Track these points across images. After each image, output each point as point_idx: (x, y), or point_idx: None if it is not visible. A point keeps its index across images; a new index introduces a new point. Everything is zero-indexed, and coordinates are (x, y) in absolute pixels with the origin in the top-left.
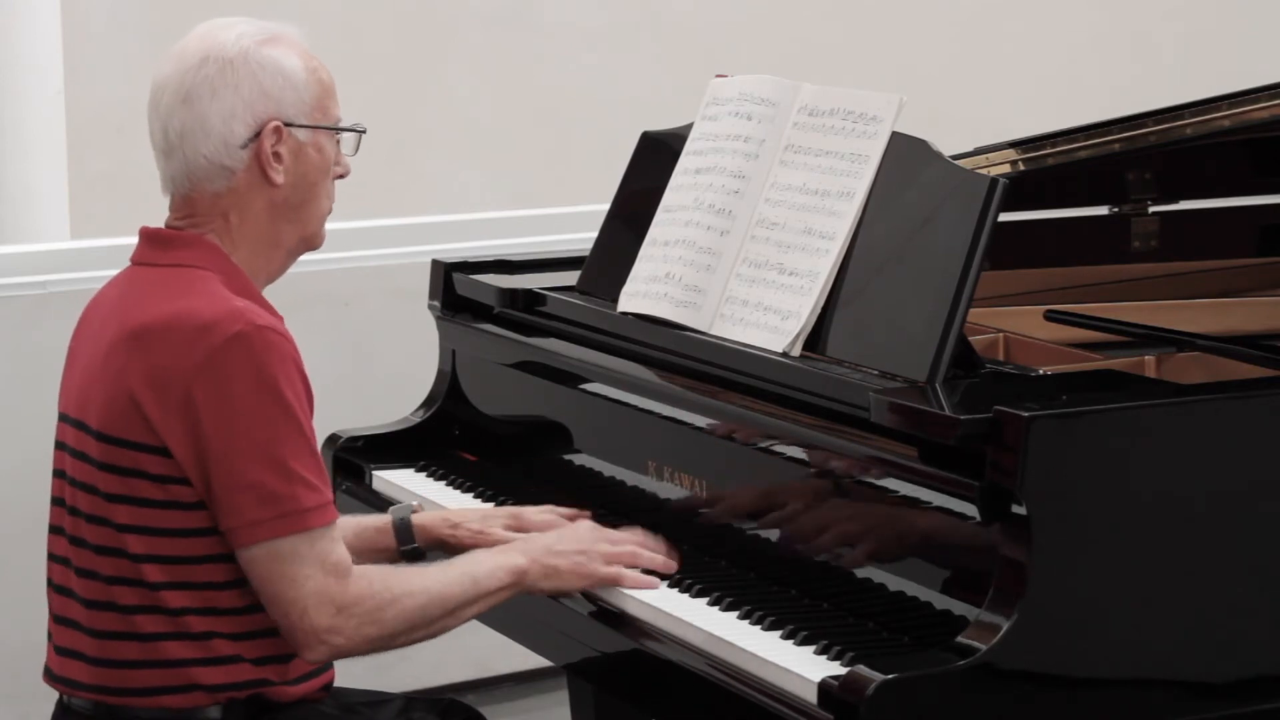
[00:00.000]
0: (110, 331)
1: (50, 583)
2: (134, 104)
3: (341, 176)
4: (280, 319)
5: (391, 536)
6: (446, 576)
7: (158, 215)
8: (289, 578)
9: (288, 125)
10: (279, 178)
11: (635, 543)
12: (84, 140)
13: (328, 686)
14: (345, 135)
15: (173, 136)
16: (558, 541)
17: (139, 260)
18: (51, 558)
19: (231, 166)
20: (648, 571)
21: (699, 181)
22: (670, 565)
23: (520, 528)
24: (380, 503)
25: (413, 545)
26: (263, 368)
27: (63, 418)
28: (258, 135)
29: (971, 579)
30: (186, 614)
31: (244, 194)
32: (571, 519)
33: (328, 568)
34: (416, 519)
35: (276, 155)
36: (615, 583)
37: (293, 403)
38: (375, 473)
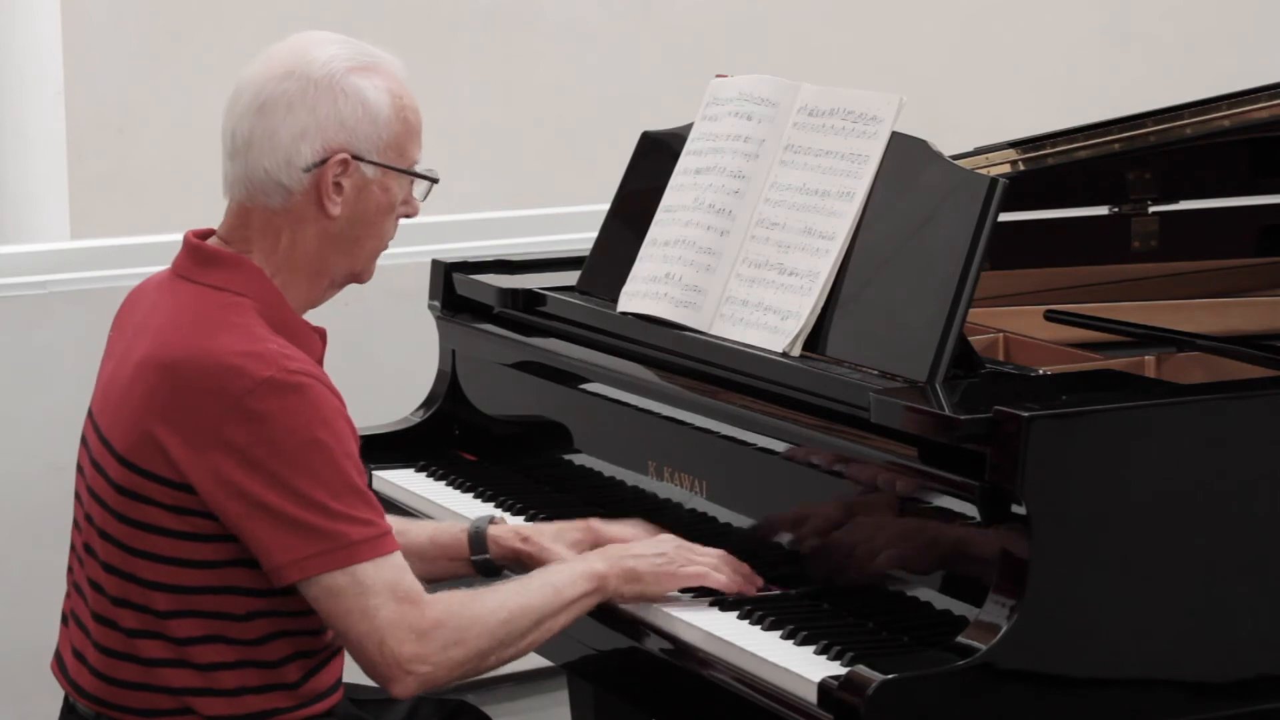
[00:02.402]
0: (141, 350)
1: (70, 570)
2: (134, 104)
3: (409, 216)
4: (321, 334)
5: (465, 544)
6: (526, 589)
7: (157, 215)
8: (358, 611)
9: (356, 159)
10: (335, 209)
11: (719, 556)
12: (84, 140)
13: (332, 710)
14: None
15: (239, 141)
16: (638, 547)
17: (179, 272)
18: (73, 549)
19: (290, 187)
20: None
21: (699, 181)
22: (749, 588)
23: (597, 542)
24: (380, 503)
25: (484, 555)
26: (293, 413)
27: (91, 415)
28: (323, 162)
29: (971, 579)
30: (192, 644)
31: (298, 217)
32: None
33: (399, 595)
34: (491, 529)
35: (338, 186)
36: (698, 581)
37: (328, 442)
38: (375, 473)
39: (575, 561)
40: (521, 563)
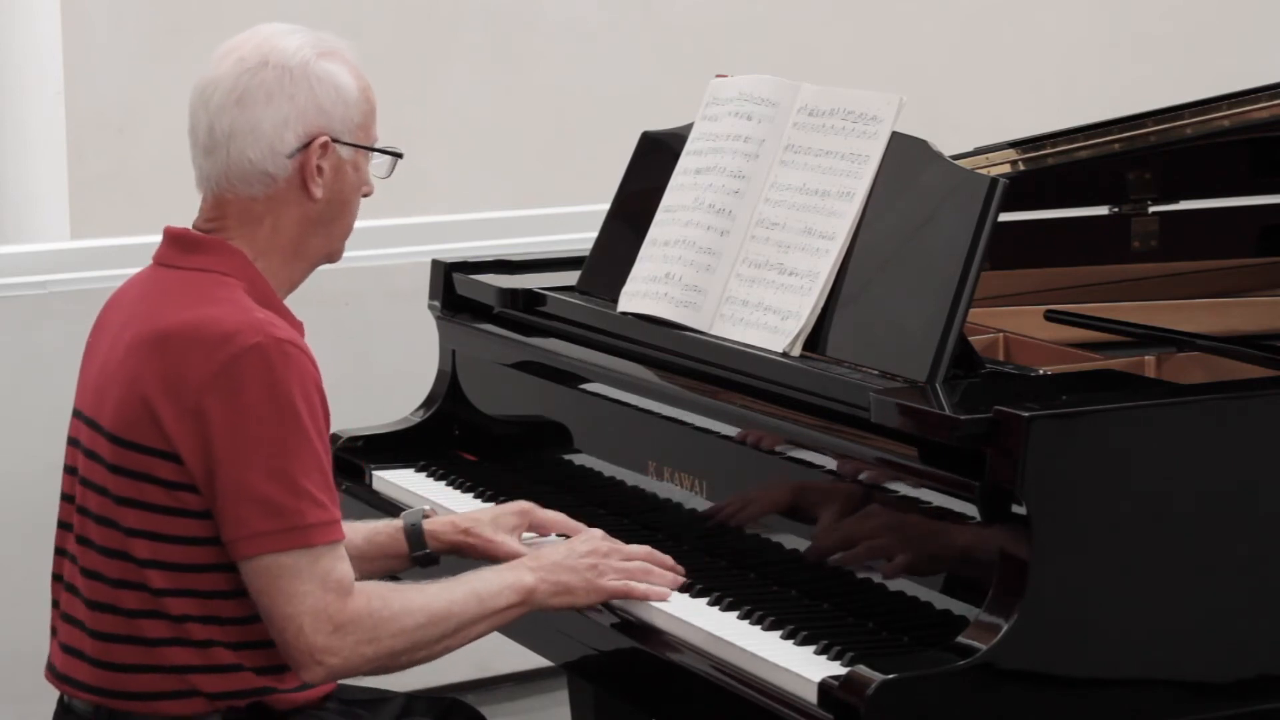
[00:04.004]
0: (130, 333)
1: (59, 578)
2: (134, 104)
3: (366, 195)
4: (301, 326)
5: (403, 542)
6: (450, 594)
7: (157, 215)
8: (287, 593)
9: (334, 141)
10: (318, 192)
11: (645, 555)
12: (84, 140)
13: (329, 695)
14: (378, 156)
15: (219, 135)
16: (568, 557)
17: (162, 261)
18: (59, 552)
19: (274, 174)
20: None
21: (699, 181)
22: (677, 580)
23: (532, 526)
24: (380, 503)
25: (424, 551)
26: (277, 381)
27: (77, 414)
28: (306, 147)
29: (971, 579)
30: (188, 621)
31: (280, 202)
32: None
33: (329, 585)
34: (428, 524)
35: (319, 169)
36: (625, 595)
37: (305, 417)
38: (375, 473)
39: (505, 571)
40: (464, 554)
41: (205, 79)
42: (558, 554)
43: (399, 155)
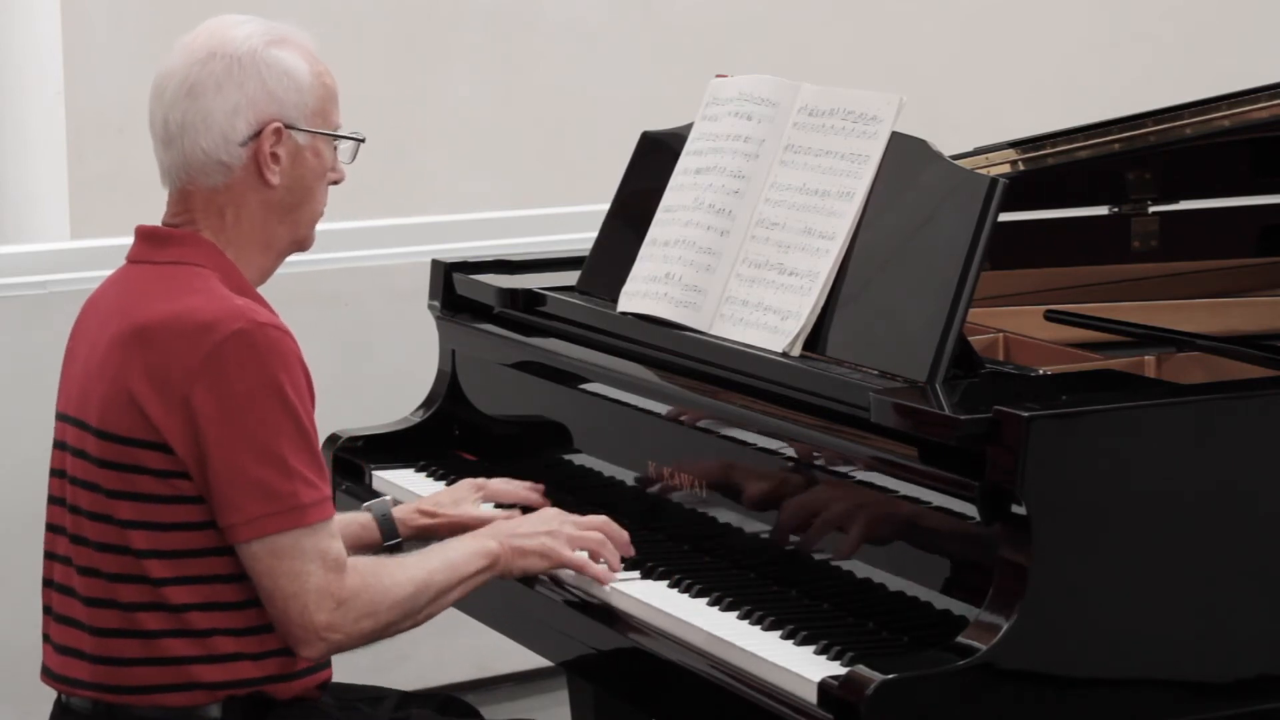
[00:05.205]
0: (110, 330)
1: (51, 582)
2: (134, 104)
3: (336, 183)
4: (275, 315)
5: (375, 532)
6: (429, 564)
7: (157, 215)
8: (290, 573)
9: (288, 127)
10: (274, 178)
11: (600, 525)
12: (84, 140)
13: (325, 683)
14: (343, 143)
15: (173, 127)
16: (524, 525)
17: (135, 259)
18: (50, 556)
19: (229, 163)
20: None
21: (699, 181)
22: (627, 550)
23: (488, 495)
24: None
25: (396, 539)
26: (263, 365)
27: (61, 417)
28: (258, 134)
29: (971, 579)
30: (189, 610)
31: (240, 192)
32: (528, 493)
33: (328, 563)
34: (396, 512)
35: (274, 156)
36: (577, 568)
37: (293, 399)
38: (375, 473)
39: (470, 540)
40: (432, 537)
41: (160, 73)
42: (515, 524)
43: (361, 140)
